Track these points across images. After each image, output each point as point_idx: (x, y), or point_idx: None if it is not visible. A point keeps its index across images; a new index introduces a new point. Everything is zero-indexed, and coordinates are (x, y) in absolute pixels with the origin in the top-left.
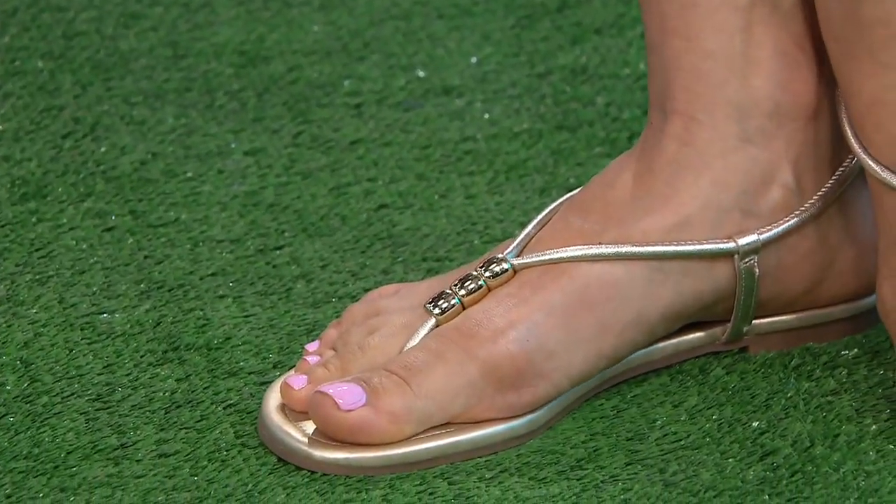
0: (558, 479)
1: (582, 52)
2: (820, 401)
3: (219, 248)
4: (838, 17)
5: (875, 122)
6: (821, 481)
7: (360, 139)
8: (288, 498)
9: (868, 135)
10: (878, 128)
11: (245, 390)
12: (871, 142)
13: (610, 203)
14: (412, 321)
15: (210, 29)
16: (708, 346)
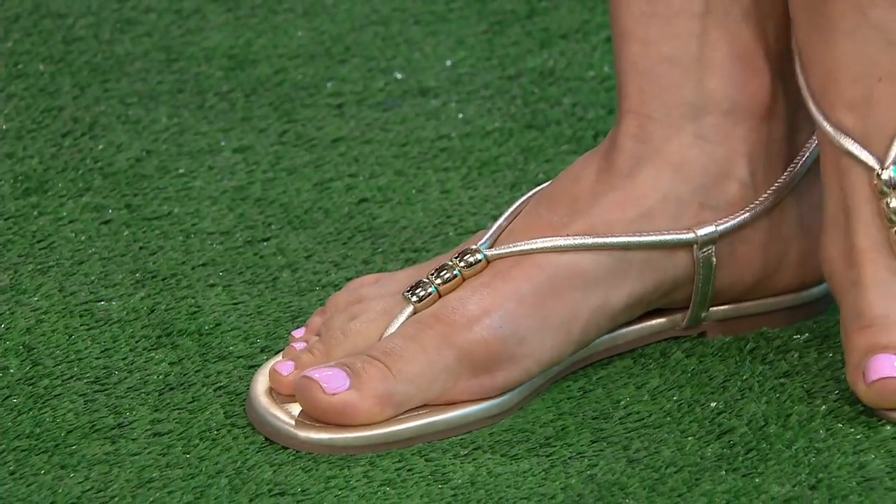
0: (528, 456)
1: (549, 55)
2: (773, 383)
3: (209, 239)
4: None
5: (837, 87)
6: (774, 458)
7: (342, 137)
8: (274, 475)
9: (829, 101)
10: (839, 93)
11: (234, 373)
12: (832, 107)
13: (576, 197)
14: (391, 308)
15: (201, 34)
16: (668, 331)
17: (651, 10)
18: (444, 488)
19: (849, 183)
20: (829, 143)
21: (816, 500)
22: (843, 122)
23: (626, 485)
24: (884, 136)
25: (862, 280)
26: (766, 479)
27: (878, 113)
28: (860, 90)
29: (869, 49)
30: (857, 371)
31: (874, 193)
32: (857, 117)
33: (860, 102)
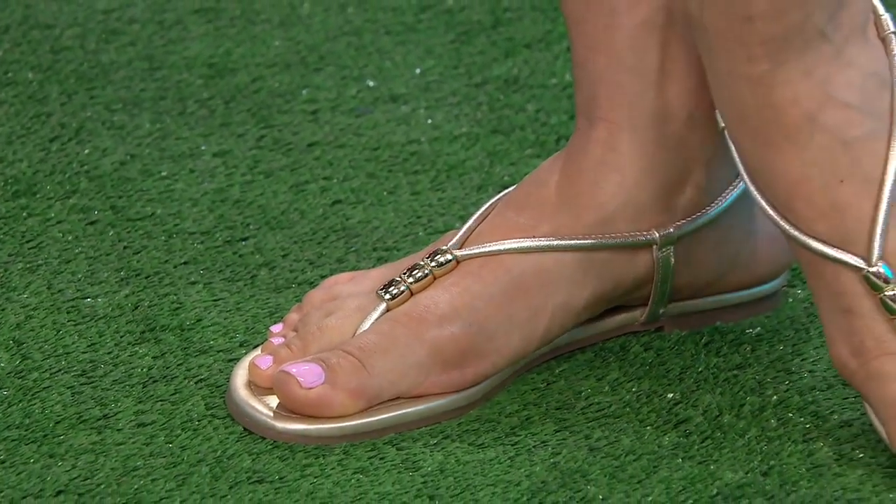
0: (494, 445)
1: (514, 64)
2: (727, 375)
3: (191, 239)
4: (753, 107)
5: (803, 199)
6: (728, 446)
7: (317, 142)
8: (253, 463)
9: (799, 213)
10: (808, 204)
11: (214, 367)
12: (802, 218)
13: (543, 200)
14: (365, 305)
15: (182, 44)
16: (628, 326)
17: (614, 22)
18: (415, 475)
19: (840, 285)
20: (807, 253)
21: (768, 485)
22: (818, 231)
23: (587, 472)
24: (861, 235)
25: (884, 373)
26: (720, 466)
27: (850, 215)
28: (827, 197)
29: (826, 155)
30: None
31: (867, 290)
32: (830, 224)
33: (830, 209)
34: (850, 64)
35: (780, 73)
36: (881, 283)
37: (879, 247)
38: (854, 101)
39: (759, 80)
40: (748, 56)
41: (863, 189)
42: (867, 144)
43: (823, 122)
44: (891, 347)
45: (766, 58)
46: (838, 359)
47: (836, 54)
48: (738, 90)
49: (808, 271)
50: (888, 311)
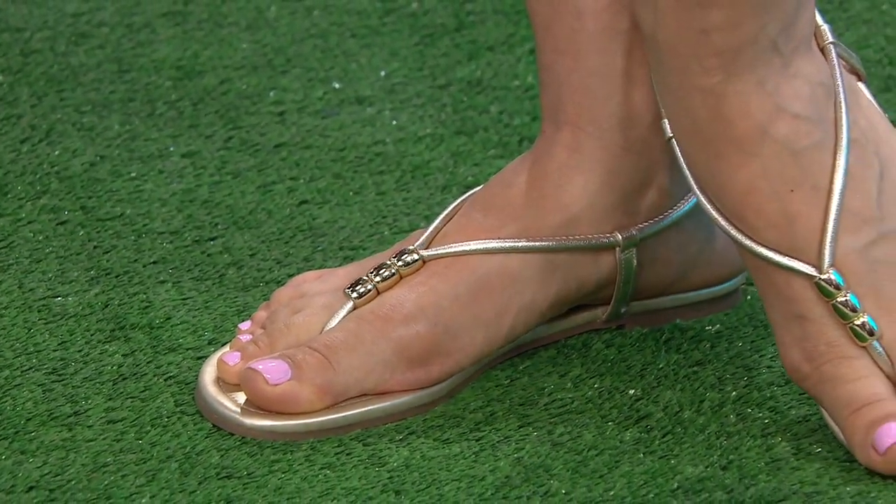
0: (459, 441)
1: (477, 66)
2: (687, 371)
3: (160, 239)
4: (705, 118)
5: (754, 208)
6: (689, 441)
7: (284, 143)
8: (222, 459)
9: (749, 222)
10: (758, 214)
11: (183, 364)
12: (753, 228)
13: (508, 202)
14: (333, 303)
15: (151, 47)
16: (590, 324)
17: (580, 26)
18: (381, 471)
19: (792, 292)
20: (758, 261)
21: (728, 479)
22: (769, 239)
23: (550, 467)
24: (812, 243)
25: (839, 375)
26: (680, 460)
27: (800, 223)
28: (777, 206)
29: (777, 165)
30: (867, 448)
31: (819, 297)
32: (781, 233)
33: (780, 218)
34: (797, 75)
35: (732, 85)
36: (832, 289)
37: (830, 254)
38: (802, 112)
39: (712, 91)
40: (702, 68)
41: (812, 198)
42: (815, 154)
43: (774, 133)
44: (843, 351)
45: (719, 69)
46: (791, 364)
47: (785, 66)
48: (690, 102)
49: (758, 279)
50: (840, 316)
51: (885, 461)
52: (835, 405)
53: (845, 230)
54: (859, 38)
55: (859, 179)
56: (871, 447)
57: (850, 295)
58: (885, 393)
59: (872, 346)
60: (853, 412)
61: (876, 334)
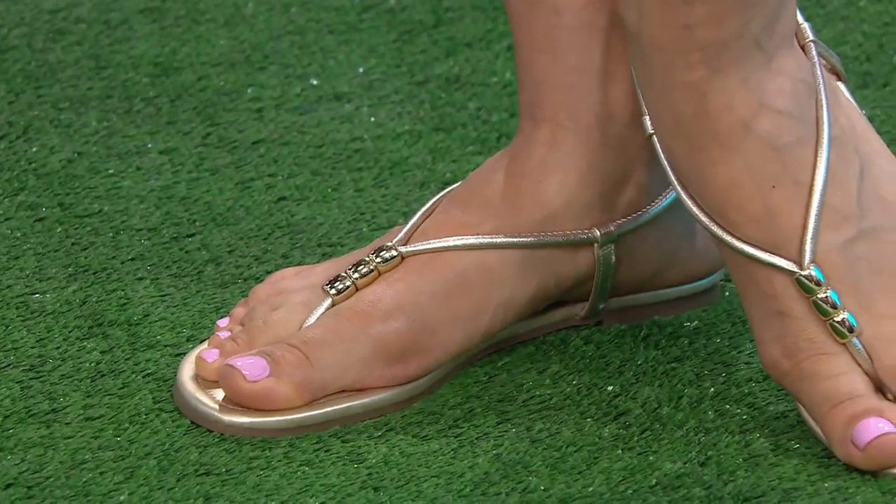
0: (438, 437)
1: (455, 63)
2: (665, 367)
3: (137, 235)
4: (688, 114)
5: (736, 204)
6: (667, 437)
7: (262, 139)
8: (200, 456)
9: (731, 218)
10: (740, 209)
11: (162, 361)
12: (734, 223)
13: (487, 198)
14: (311, 300)
15: (128, 43)
16: (568, 321)
17: (558, 22)
18: (360, 467)
19: (773, 289)
20: (739, 257)
21: (706, 475)
22: (750, 235)
23: (529, 463)
24: (792, 239)
25: (819, 371)
26: (659, 457)
27: (781, 219)
28: (760, 202)
29: (759, 161)
30: (846, 444)
31: (800, 293)
32: (762, 229)
33: (762, 213)
34: (780, 71)
35: (716, 81)
36: (813, 286)
37: (811, 250)
38: (785, 108)
39: (695, 87)
40: (686, 63)
41: (794, 194)
42: (797, 150)
43: (756, 129)
44: (823, 348)
45: (703, 65)
46: (770, 360)
47: (767, 62)
48: (673, 98)
49: (738, 275)
50: (821, 312)
51: (864, 456)
52: (814, 401)
53: (826, 227)
54: (836, 34)
55: (840, 176)
56: (851, 442)
57: (831, 291)
58: (864, 389)
59: (852, 342)
60: (832, 408)
61: (855, 331)
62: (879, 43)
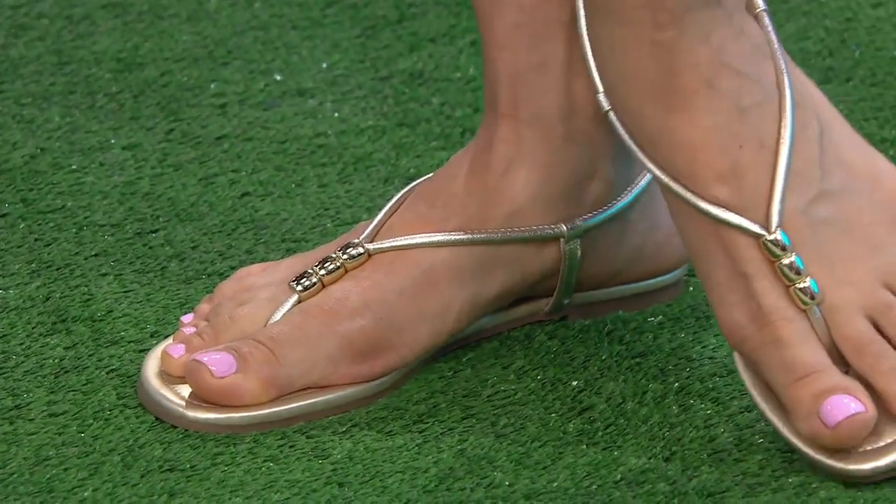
0: (402, 433)
1: (419, 58)
2: (630, 362)
3: (101, 231)
4: (656, 73)
5: (706, 163)
6: (631, 433)
7: (225, 135)
8: (164, 452)
9: (701, 178)
10: (710, 168)
11: (126, 357)
12: (703, 183)
13: (453, 195)
14: (277, 296)
15: (91, 38)
16: (533, 316)
17: (522, 19)
18: (325, 463)
19: (738, 251)
20: (705, 219)
21: (670, 471)
22: (717, 196)
23: (494, 458)
24: (759, 202)
25: (781, 337)
26: (624, 452)
27: (749, 180)
28: (727, 161)
29: (725, 120)
30: (813, 419)
31: (765, 257)
32: (730, 189)
33: (730, 174)
34: (741, 32)
35: (682, 40)
36: (779, 250)
37: (778, 214)
38: (744, 69)
39: (663, 45)
40: (656, 22)
41: (759, 156)
42: (759, 113)
43: (719, 88)
44: (787, 314)
45: (671, 24)
46: (730, 324)
47: (728, 21)
48: (642, 58)
49: (702, 239)
50: (785, 277)
51: (833, 435)
52: (776, 370)
53: (791, 190)
54: (799, 29)
55: (802, 140)
56: (818, 418)
57: (795, 257)
58: (827, 362)
59: (812, 310)
60: (797, 380)
61: (817, 298)
62: (842, 38)
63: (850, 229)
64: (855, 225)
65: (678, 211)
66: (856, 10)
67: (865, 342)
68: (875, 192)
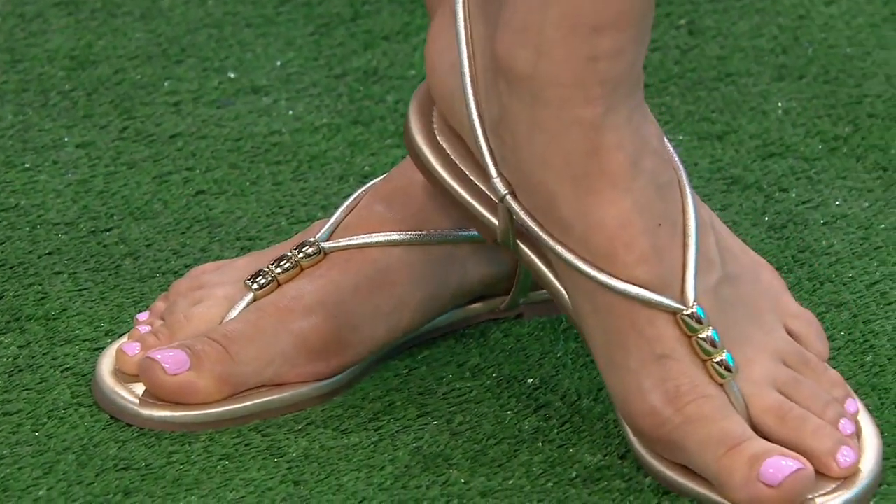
0: (358, 431)
1: (373, 56)
2: (585, 360)
3: (55, 230)
4: (580, 153)
5: (626, 243)
6: (587, 430)
7: (179, 133)
8: (119, 450)
9: (621, 259)
10: (630, 248)
11: (80, 356)
12: (624, 265)
13: (409, 195)
14: (233, 294)
15: (43, 37)
16: (488, 314)
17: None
18: (280, 461)
19: (655, 331)
20: (620, 302)
21: (626, 468)
22: (637, 276)
23: (449, 456)
24: (675, 278)
25: (705, 415)
26: (579, 449)
27: (666, 257)
28: (649, 241)
29: (646, 199)
30: (753, 484)
31: (682, 334)
32: (650, 268)
33: (651, 253)
34: (648, 113)
35: (609, 118)
36: (695, 324)
37: (693, 289)
38: (658, 148)
39: (591, 123)
40: (586, 98)
41: (673, 233)
42: (671, 191)
43: (642, 167)
44: (706, 390)
45: (601, 100)
46: (647, 410)
47: (640, 102)
48: (566, 137)
49: (616, 325)
50: (703, 351)
51: (779, 494)
52: (704, 445)
53: (700, 269)
54: (752, 27)
55: (701, 222)
56: (759, 482)
57: (712, 331)
58: (751, 433)
59: (729, 384)
60: (729, 450)
61: (733, 371)
62: (795, 35)
63: (748, 313)
64: (751, 309)
65: (586, 297)
66: (809, 7)
67: (786, 409)
68: (758, 281)
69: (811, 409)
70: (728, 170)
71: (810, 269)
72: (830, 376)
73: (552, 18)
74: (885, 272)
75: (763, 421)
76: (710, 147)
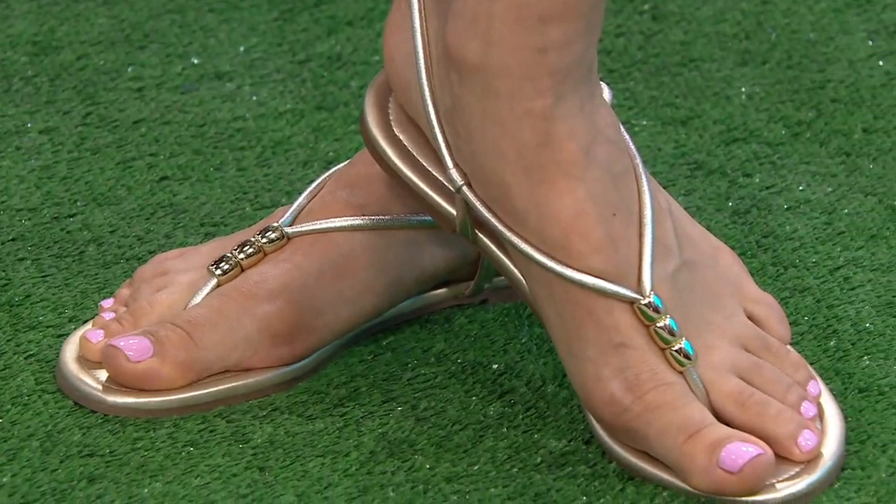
0: (323, 416)
1: (337, 41)
2: (550, 345)
3: (18, 216)
4: (532, 143)
5: (581, 232)
6: (552, 415)
7: (143, 119)
8: (84, 437)
9: (576, 249)
10: (585, 238)
11: (44, 342)
12: (579, 254)
13: (372, 180)
14: (196, 280)
15: (6, 22)
16: (453, 299)
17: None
18: (245, 448)
19: (612, 320)
20: (577, 291)
21: (591, 453)
22: (592, 266)
23: (415, 442)
24: (632, 267)
25: (665, 402)
26: (544, 434)
27: (622, 247)
28: (603, 231)
29: (600, 188)
30: (713, 470)
31: (640, 323)
32: (606, 257)
33: (606, 242)
34: (602, 101)
35: (560, 108)
36: (653, 313)
37: (650, 278)
38: (613, 137)
39: (542, 114)
40: (535, 89)
41: (629, 222)
42: (627, 180)
43: (595, 157)
44: (665, 378)
45: (551, 91)
46: (606, 398)
47: (593, 91)
48: (517, 128)
49: (573, 314)
50: (661, 340)
51: (739, 480)
52: (664, 433)
53: (657, 258)
54: (716, 12)
55: (658, 210)
56: (719, 468)
57: (670, 319)
58: (712, 419)
59: (689, 371)
60: (690, 437)
61: (692, 359)
62: (758, 21)
63: (707, 298)
64: (710, 294)
65: (543, 287)
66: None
67: (747, 395)
68: (717, 266)
69: (772, 393)
70: (692, 155)
71: (774, 254)
72: (792, 359)
73: (500, 9)
74: (848, 257)
75: (724, 407)
76: (673, 132)
